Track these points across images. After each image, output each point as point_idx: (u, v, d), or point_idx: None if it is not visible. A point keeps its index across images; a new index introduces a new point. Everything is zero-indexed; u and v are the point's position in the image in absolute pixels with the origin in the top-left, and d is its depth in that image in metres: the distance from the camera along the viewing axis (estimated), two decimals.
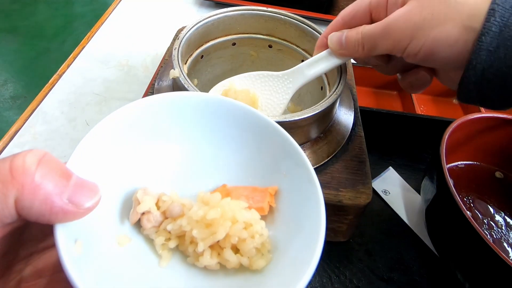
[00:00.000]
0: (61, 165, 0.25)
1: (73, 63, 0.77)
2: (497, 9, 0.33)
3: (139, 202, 0.31)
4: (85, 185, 0.25)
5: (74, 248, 0.25)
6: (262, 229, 0.32)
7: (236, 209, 0.31)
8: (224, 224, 0.30)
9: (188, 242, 0.31)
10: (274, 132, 0.34)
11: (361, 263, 0.52)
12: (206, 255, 0.30)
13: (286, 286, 0.26)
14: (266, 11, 0.60)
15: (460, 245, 0.47)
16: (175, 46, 0.51)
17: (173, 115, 0.34)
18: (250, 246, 0.30)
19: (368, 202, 0.46)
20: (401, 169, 0.64)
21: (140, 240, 0.32)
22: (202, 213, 0.30)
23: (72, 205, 0.24)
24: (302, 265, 0.27)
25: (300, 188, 0.32)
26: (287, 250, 0.31)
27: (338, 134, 0.52)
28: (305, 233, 0.30)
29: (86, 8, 2.95)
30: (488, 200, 0.57)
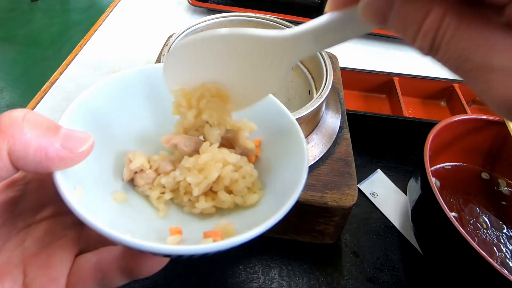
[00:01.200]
0: (48, 119, 0.25)
1: (65, 70, 0.78)
2: None
3: (130, 161, 0.32)
4: (76, 133, 0.26)
5: (75, 192, 0.26)
6: (252, 169, 0.33)
7: (225, 153, 0.32)
8: (216, 166, 0.31)
9: (182, 193, 0.32)
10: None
11: (348, 265, 0.53)
12: (201, 200, 0.32)
13: (279, 205, 0.27)
14: (255, 17, 0.61)
15: (444, 245, 0.48)
16: (164, 53, 0.52)
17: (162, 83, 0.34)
18: (242, 185, 0.32)
19: (353, 203, 0.47)
20: (389, 171, 0.65)
21: (135, 196, 0.33)
22: (194, 159, 0.31)
23: (66, 150, 0.25)
24: (289, 191, 0.28)
25: (282, 133, 0.34)
26: (275, 186, 0.32)
27: (325, 137, 0.53)
28: (291, 165, 0.31)
29: (82, 16, 2.97)
30: (474, 201, 0.58)
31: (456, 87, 0.76)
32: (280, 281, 0.50)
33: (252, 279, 0.50)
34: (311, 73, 0.60)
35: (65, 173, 0.26)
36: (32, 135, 0.23)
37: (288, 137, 0.33)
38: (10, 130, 0.23)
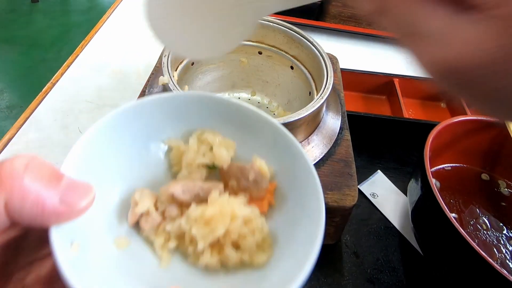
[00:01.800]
0: (51, 167, 0.24)
1: (66, 71, 0.78)
2: None
3: (136, 203, 0.31)
4: (77, 185, 0.25)
5: (70, 250, 0.25)
6: (262, 224, 0.31)
7: (235, 205, 0.30)
8: (223, 220, 0.29)
9: (188, 242, 0.31)
10: (266, 125, 0.33)
11: (349, 265, 0.53)
12: (206, 254, 0.30)
13: (287, 280, 0.25)
14: None
15: (444, 246, 0.48)
16: (165, 54, 0.52)
17: (166, 114, 0.34)
18: (250, 241, 0.30)
19: (353, 204, 0.47)
20: (389, 172, 0.65)
21: (139, 241, 0.32)
22: (200, 211, 0.30)
23: (65, 205, 0.24)
24: (303, 257, 0.26)
25: (297, 180, 0.32)
26: (287, 245, 0.30)
27: (325, 137, 0.53)
28: (305, 225, 0.29)
29: (82, 18, 2.97)
30: (474, 202, 0.58)
31: None
32: None
33: None
34: (311, 74, 0.60)
35: (61, 227, 0.24)
36: (31, 187, 0.22)
37: (305, 185, 0.31)
38: (10, 181, 0.22)
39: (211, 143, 0.34)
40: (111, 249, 0.29)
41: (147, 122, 0.34)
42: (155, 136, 0.35)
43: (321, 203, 0.29)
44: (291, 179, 0.33)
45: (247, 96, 0.69)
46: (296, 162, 0.32)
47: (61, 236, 0.24)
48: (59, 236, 0.24)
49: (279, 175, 0.34)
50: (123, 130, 0.32)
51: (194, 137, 0.34)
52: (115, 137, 0.32)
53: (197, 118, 0.35)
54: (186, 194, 0.32)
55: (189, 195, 0.32)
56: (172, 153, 0.35)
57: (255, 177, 0.32)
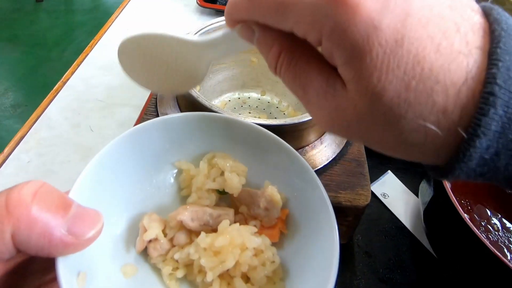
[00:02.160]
0: (60, 194, 0.24)
1: (76, 71, 0.78)
2: (499, 95, 0.19)
3: (145, 229, 0.30)
4: (86, 214, 0.24)
5: (76, 281, 0.24)
6: (274, 255, 0.30)
7: (245, 235, 0.29)
8: (233, 251, 0.29)
9: (196, 271, 0.30)
10: (281, 149, 0.33)
11: (361, 265, 0.53)
12: (215, 286, 0.29)
13: None
14: None
15: (458, 247, 0.48)
16: None
17: (175, 136, 0.34)
18: (261, 274, 0.29)
19: (366, 203, 0.47)
20: (399, 172, 0.65)
21: (146, 268, 0.31)
22: (210, 240, 0.29)
23: (72, 236, 0.23)
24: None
25: (310, 209, 0.31)
26: (299, 278, 0.29)
27: (337, 137, 0.53)
28: (319, 261, 0.28)
29: (86, 17, 2.98)
30: (485, 203, 0.58)
31: None
32: None
33: None
34: None
35: (68, 257, 0.24)
36: (39, 217, 0.22)
37: (318, 214, 0.30)
38: (17, 211, 0.21)
39: (222, 168, 0.33)
40: (118, 278, 0.29)
41: (156, 144, 0.34)
42: (165, 158, 0.35)
43: (335, 235, 0.28)
44: (304, 207, 0.32)
45: (257, 95, 0.69)
46: (310, 190, 0.31)
47: (67, 267, 0.24)
48: (66, 267, 0.24)
49: (292, 202, 0.33)
50: (131, 153, 0.32)
51: (204, 160, 0.34)
52: (123, 161, 0.32)
53: (209, 139, 0.35)
54: (195, 222, 0.31)
55: (198, 223, 0.31)
56: (182, 176, 0.35)
57: (266, 205, 0.32)
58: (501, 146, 0.20)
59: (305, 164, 0.32)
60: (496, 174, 0.22)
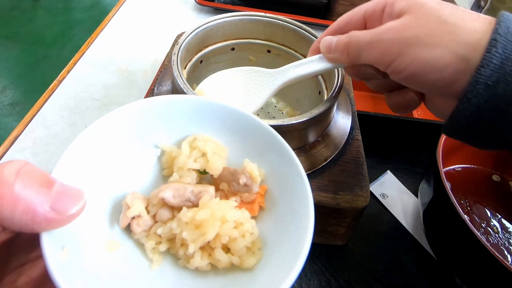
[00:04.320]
0: (42, 173, 0.24)
1: (73, 69, 0.77)
2: (500, 40, 0.30)
3: (128, 206, 0.31)
4: (68, 191, 0.25)
5: (61, 255, 0.25)
6: (253, 227, 0.32)
7: (226, 209, 0.31)
8: (214, 224, 0.30)
9: (178, 245, 0.31)
10: (258, 128, 0.34)
11: (359, 266, 0.53)
12: (196, 257, 0.30)
13: (275, 282, 0.26)
14: (265, 16, 0.60)
15: (457, 248, 0.47)
16: (175, 51, 0.52)
17: (158, 118, 0.35)
18: (240, 245, 0.30)
19: (365, 204, 0.46)
20: (399, 172, 0.65)
21: (130, 244, 0.32)
22: (191, 214, 0.30)
23: (55, 212, 0.24)
24: (291, 261, 0.27)
25: (288, 184, 0.32)
26: (277, 247, 0.31)
27: (336, 137, 0.53)
28: (294, 229, 0.30)
29: (85, 15, 2.97)
30: (485, 203, 0.58)
31: None
32: None
33: None
34: (321, 74, 0.59)
35: (52, 232, 0.25)
36: (22, 194, 0.22)
37: (295, 189, 0.31)
38: (0, 189, 0.22)
39: (203, 150, 0.34)
40: (102, 252, 0.29)
41: (140, 126, 0.34)
42: (148, 140, 0.35)
43: (311, 209, 0.29)
44: (282, 183, 0.33)
45: None
46: (287, 167, 0.32)
47: (51, 241, 0.24)
48: (50, 242, 0.24)
49: (270, 178, 0.34)
50: (116, 134, 0.33)
51: (186, 142, 0.35)
52: (107, 141, 0.32)
53: (191, 122, 0.36)
54: (177, 199, 0.32)
55: (179, 200, 0.32)
56: (164, 157, 0.35)
57: (246, 181, 0.33)
58: (500, 76, 0.30)
59: (282, 143, 0.33)
60: (497, 101, 0.31)
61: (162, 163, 0.35)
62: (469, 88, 0.31)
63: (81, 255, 0.27)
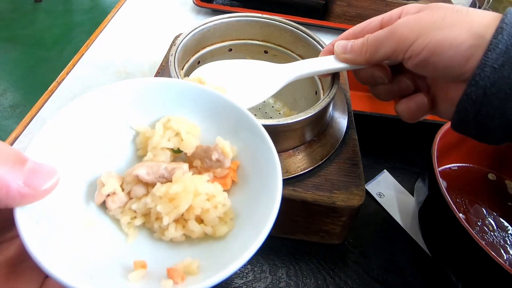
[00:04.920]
0: (14, 151, 0.25)
1: (72, 70, 0.78)
2: (505, 28, 0.33)
3: (103, 184, 0.32)
4: (41, 168, 0.26)
5: (35, 229, 0.25)
6: (225, 199, 0.33)
7: (198, 183, 0.32)
8: (187, 197, 0.31)
9: (153, 219, 0.32)
10: (230, 108, 0.36)
11: (356, 265, 0.53)
12: (171, 229, 0.32)
13: (245, 246, 0.27)
14: (262, 17, 0.61)
15: (453, 247, 0.48)
16: (172, 52, 0.52)
17: (133, 101, 0.35)
18: (213, 215, 0.32)
19: (361, 203, 0.47)
20: (395, 172, 0.65)
21: (106, 220, 0.33)
22: (165, 189, 0.31)
23: (29, 188, 0.24)
24: (260, 227, 0.28)
25: (259, 159, 0.34)
26: (248, 217, 0.32)
27: (332, 137, 0.53)
28: (264, 200, 0.31)
29: (85, 17, 2.98)
30: (481, 202, 0.58)
31: None
32: (288, 281, 0.50)
33: (259, 279, 0.50)
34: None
35: (27, 207, 0.25)
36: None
37: (265, 163, 0.33)
38: None
39: (177, 130, 0.35)
40: (78, 228, 0.30)
41: (114, 108, 0.35)
42: (123, 122, 0.36)
43: (279, 180, 0.31)
44: (253, 159, 0.35)
45: None
46: (258, 143, 0.34)
47: (26, 216, 0.25)
48: (24, 216, 0.25)
49: (242, 154, 0.36)
50: (90, 115, 0.33)
51: (160, 123, 0.36)
52: (82, 122, 0.33)
53: (165, 103, 0.37)
54: (151, 176, 0.33)
55: (153, 176, 0.33)
56: (139, 138, 0.36)
57: (218, 156, 0.34)
58: (505, 60, 0.33)
59: (254, 121, 0.34)
60: (503, 84, 0.33)
61: (137, 143, 0.36)
62: (477, 71, 0.34)
63: (56, 230, 0.28)
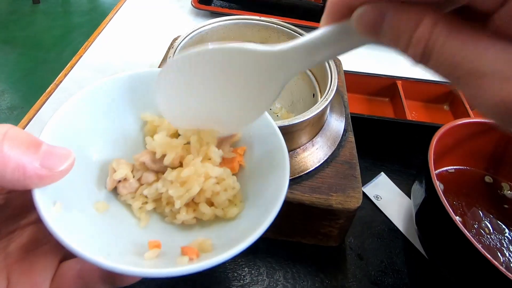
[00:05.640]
0: (29, 135, 0.25)
1: (70, 72, 0.78)
2: None
3: (114, 170, 0.33)
4: (57, 151, 0.26)
5: (54, 209, 0.26)
6: (234, 182, 0.33)
7: (208, 167, 0.33)
8: (198, 180, 0.32)
9: (164, 204, 0.33)
10: None
11: (353, 268, 0.53)
12: (182, 212, 0.32)
13: (255, 225, 0.28)
14: (260, 20, 0.61)
15: (449, 249, 0.48)
16: (170, 55, 0.52)
17: (145, 89, 0.36)
18: (223, 198, 0.32)
19: (358, 206, 0.47)
20: (393, 174, 0.65)
21: (118, 205, 0.34)
22: (176, 173, 0.32)
23: (45, 169, 0.24)
24: (270, 206, 0.29)
25: (265, 144, 0.35)
26: (257, 198, 0.33)
27: (329, 139, 0.53)
28: (272, 180, 0.32)
29: (83, 19, 2.98)
30: (477, 204, 0.58)
31: (459, 91, 0.76)
32: (285, 284, 0.50)
33: (257, 281, 0.50)
34: (315, 76, 0.60)
35: (44, 189, 0.26)
36: (12, 153, 0.23)
37: (272, 148, 0.34)
38: None
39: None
40: (92, 212, 0.31)
41: (126, 96, 0.36)
42: (133, 110, 0.37)
43: (286, 161, 0.31)
44: (259, 143, 0.36)
45: None
46: (264, 129, 0.35)
47: (44, 196, 0.26)
48: (42, 197, 0.25)
49: (248, 139, 0.37)
50: (102, 103, 0.34)
51: None
52: (94, 109, 0.33)
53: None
54: (157, 164, 0.34)
55: (159, 165, 0.34)
56: (147, 127, 0.37)
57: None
58: None
59: None
60: None
61: (145, 132, 0.37)
62: None
63: (72, 211, 0.28)
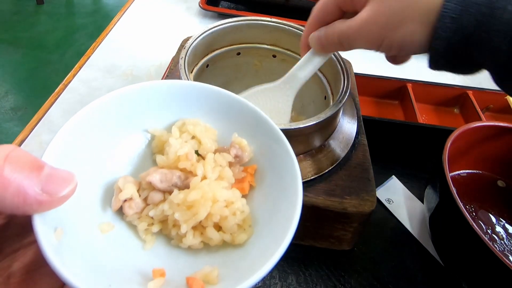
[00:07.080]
0: (31, 157, 0.24)
1: (78, 73, 0.78)
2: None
3: (120, 189, 0.32)
4: (59, 174, 0.25)
5: (54, 236, 0.25)
6: (243, 206, 0.32)
7: (216, 189, 0.31)
8: (205, 204, 0.30)
9: (171, 226, 0.32)
10: (247, 111, 0.35)
11: (365, 272, 0.52)
12: (189, 236, 0.31)
13: (265, 256, 0.26)
14: (271, 21, 0.61)
15: (464, 254, 0.47)
16: (182, 55, 0.52)
17: (148, 103, 0.35)
18: (231, 223, 0.31)
19: (372, 209, 0.46)
20: (404, 178, 0.64)
21: (123, 226, 0.32)
22: (183, 196, 0.31)
23: (46, 194, 0.24)
24: (281, 235, 0.27)
25: (277, 163, 0.33)
26: (267, 224, 0.31)
27: (342, 142, 0.53)
28: (284, 206, 0.30)
29: (87, 20, 2.98)
30: (490, 209, 0.58)
31: (470, 94, 0.76)
32: (297, 287, 0.50)
33: (269, 285, 0.49)
34: (327, 78, 0.59)
35: (44, 214, 0.25)
36: (12, 177, 0.22)
37: (284, 167, 0.32)
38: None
39: (193, 133, 0.35)
40: (96, 234, 0.30)
41: (130, 111, 0.34)
42: (139, 125, 0.36)
43: (299, 185, 0.30)
44: (271, 162, 0.34)
45: None
46: (276, 146, 0.33)
47: (44, 223, 0.25)
48: (42, 223, 0.24)
49: (259, 158, 0.35)
50: (106, 119, 0.33)
51: (175, 126, 0.35)
52: (98, 126, 0.32)
53: (180, 106, 0.36)
54: (164, 183, 0.32)
55: (166, 185, 0.33)
56: (154, 142, 0.36)
57: (236, 152, 0.34)
58: (463, 8, 0.33)
59: (270, 123, 0.34)
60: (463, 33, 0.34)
61: (152, 147, 0.36)
62: (438, 24, 0.34)
63: (74, 236, 0.27)
